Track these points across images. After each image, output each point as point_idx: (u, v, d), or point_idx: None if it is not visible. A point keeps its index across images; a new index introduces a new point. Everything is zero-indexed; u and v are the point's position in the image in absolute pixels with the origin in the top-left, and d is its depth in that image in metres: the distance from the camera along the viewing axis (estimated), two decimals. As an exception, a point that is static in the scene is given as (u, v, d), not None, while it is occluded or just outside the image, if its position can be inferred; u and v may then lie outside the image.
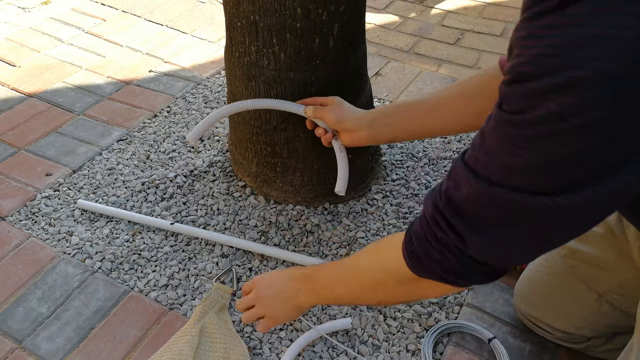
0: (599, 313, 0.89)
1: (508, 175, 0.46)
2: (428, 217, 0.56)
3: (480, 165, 0.48)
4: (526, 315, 1.00)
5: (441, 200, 0.54)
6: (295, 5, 0.97)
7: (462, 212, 0.51)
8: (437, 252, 0.56)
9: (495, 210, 0.49)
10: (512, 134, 0.44)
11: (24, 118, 1.57)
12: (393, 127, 0.95)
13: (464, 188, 0.50)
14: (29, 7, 2.15)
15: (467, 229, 0.51)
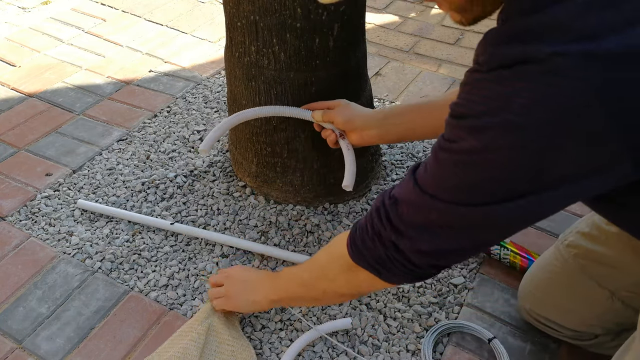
0: (610, 311, 0.89)
1: (438, 189, 0.58)
2: (373, 210, 0.66)
3: (420, 177, 0.60)
4: (532, 315, 1.00)
5: (389, 199, 0.64)
6: (295, 5, 0.97)
7: (402, 212, 0.62)
8: (371, 241, 0.66)
9: (427, 215, 0.60)
10: (444, 158, 0.56)
11: (24, 118, 1.57)
12: (403, 127, 0.98)
13: (407, 192, 0.62)
14: (29, 7, 2.15)
15: (405, 227, 0.62)
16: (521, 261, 1.10)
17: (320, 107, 1.05)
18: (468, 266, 1.14)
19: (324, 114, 1.03)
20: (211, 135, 1.05)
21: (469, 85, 0.55)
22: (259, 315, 1.05)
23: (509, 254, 1.11)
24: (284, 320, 1.04)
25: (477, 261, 1.16)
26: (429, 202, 0.58)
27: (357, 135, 1.01)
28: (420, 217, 0.60)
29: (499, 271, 1.14)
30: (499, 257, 1.13)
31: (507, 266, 1.13)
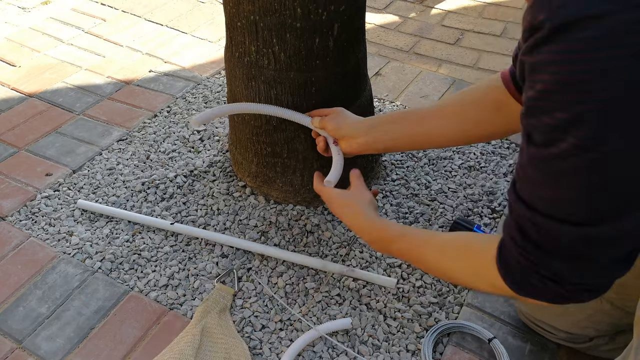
0: (601, 312, 0.89)
1: (553, 208, 0.48)
2: (516, 253, 0.55)
3: (529, 197, 0.50)
4: (528, 317, 1.00)
5: (516, 236, 0.54)
6: (295, 5, 0.97)
7: (538, 244, 0.52)
8: (541, 283, 0.55)
9: (560, 240, 0.49)
10: (546, 169, 0.46)
11: (24, 118, 1.57)
12: (391, 134, 0.93)
13: (526, 220, 0.51)
14: (29, 7, 2.15)
15: (552, 260, 0.52)
16: (521, 261, 1.10)
17: (319, 114, 1.04)
18: (468, 266, 1.14)
19: (320, 121, 1.02)
20: (209, 112, 1.01)
21: (534, 72, 0.43)
22: (259, 315, 1.05)
23: (509, 254, 1.11)
24: (284, 320, 1.04)
25: (477, 261, 1.15)
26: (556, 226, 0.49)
27: (346, 144, 0.98)
28: (561, 246, 0.51)
29: (499, 271, 1.13)
30: (499, 257, 1.12)
31: (507, 266, 1.13)
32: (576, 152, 0.42)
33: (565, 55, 0.39)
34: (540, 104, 0.43)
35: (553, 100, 0.42)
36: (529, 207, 0.50)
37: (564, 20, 0.38)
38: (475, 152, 1.44)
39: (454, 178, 1.36)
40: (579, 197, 0.45)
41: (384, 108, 1.61)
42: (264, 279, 1.11)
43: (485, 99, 0.82)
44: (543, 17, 0.40)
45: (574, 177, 0.44)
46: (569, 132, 0.41)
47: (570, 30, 0.38)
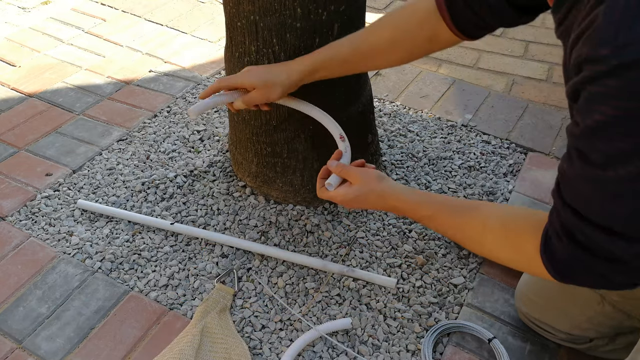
0: (602, 314, 0.89)
1: (604, 219, 0.50)
2: (563, 251, 0.56)
3: (577, 205, 0.52)
4: (528, 317, 1.00)
5: (564, 237, 0.55)
6: (295, 5, 0.97)
7: (586, 247, 0.54)
8: (588, 277, 0.57)
9: (606, 247, 0.52)
10: (601, 187, 0.48)
11: (24, 118, 1.57)
12: (315, 77, 0.92)
13: (572, 225, 0.54)
14: (29, 7, 2.15)
15: (599, 262, 0.54)
16: (521, 261, 1.10)
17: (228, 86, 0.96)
18: (468, 266, 1.14)
19: (245, 100, 0.95)
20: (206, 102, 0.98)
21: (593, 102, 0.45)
22: (259, 315, 1.05)
23: (509, 254, 1.11)
24: (284, 320, 1.04)
25: (477, 261, 1.16)
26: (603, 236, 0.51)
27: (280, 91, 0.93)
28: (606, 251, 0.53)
29: (499, 271, 1.14)
30: (499, 257, 1.13)
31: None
32: (634, 180, 0.45)
33: (629, 93, 0.40)
34: (597, 132, 0.45)
35: (612, 132, 0.44)
36: (577, 215, 0.52)
37: (630, 60, 0.39)
38: (475, 152, 1.44)
39: (454, 178, 1.36)
40: (633, 216, 0.48)
41: (383, 108, 1.61)
42: (264, 279, 1.11)
43: (420, 35, 0.83)
44: (607, 52, 0.40)
45: (630, 199, 0.47)
46: (630, 161, 0.44)
47: (635, 69, 0.39)
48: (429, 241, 1.19)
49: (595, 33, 0.42)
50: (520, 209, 0.72)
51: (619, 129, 0.43)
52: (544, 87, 1.73)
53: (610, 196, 0.49)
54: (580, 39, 0.45)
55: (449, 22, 0.78)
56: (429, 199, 0.80)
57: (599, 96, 0.43)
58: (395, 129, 1.52)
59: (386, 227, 1.22)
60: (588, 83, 0.44)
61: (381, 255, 1.16)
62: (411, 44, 0.85)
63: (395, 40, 0.85)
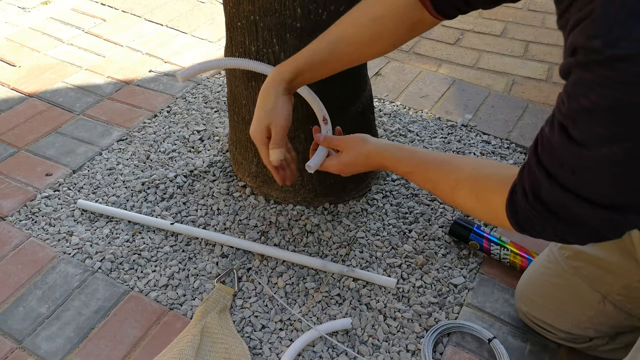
0: (603, 314, 0.89)
1: (578, 187, 0.53)
2: (524, 207, 0.60)
3: (553, 170, 0.55)
4: (528, 317, 1.00)
5: (529, 194, 0.58)
6: (295, 5, 0.97)
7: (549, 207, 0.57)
8: (543, 231, 0.60)
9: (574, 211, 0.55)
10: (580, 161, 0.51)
11: (24, 118, 1.57)
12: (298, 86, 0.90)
13: (543, 186, 0.56)
14: (29, 7, 2.15)
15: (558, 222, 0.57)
16: (521, 261, 1.10)
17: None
18: (468, 266, 1.14)
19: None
20: (196, 67, 0.96)
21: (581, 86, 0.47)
22: (259, 315, 1.05)
23: (509, 254, 1.11)
24: (284, 320, 1.04)
25: (477, 261, 1.16)
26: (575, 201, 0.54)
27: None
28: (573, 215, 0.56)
29: (499, 271, 1.14)
30: (499, 257, 1.13)
31: (507, 266, 1.13)
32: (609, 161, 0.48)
33: (617, 83, 0.43)
34: (581, 116, 0.48)
35: (595, 117, 0.47)
36: (550, 177, 0.55)
37: (621, 53, 0.41)
38: (475, 152, 1.44)
39: (454, 178, 1.36)
40: (605, 184, 0.51)
41: (383, 108, 1.61)
42: (264, 279, 1.11)
43: (402, 26, 0.82)
44: (600, 44, 0.43)
45: (600, 172, 0.50)
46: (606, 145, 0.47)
47: (627, 61, 0.41)
48: (429, 241, 1.19)
49: (592, 24, 0.44)
50: (492, 163, 0.76)
51: (602, 116, 0.46)
52: (544, 87, 1.73)
53: (584, 168, 0.52)
54: (578, 26, 0.47)
55: (431, 11, 0.78)
56: (409, 154, 0.84)
57: (588, 82, 0.46)
58: (395, 129, 1.52)
59: (386, 227, 1.22)
60: (579, 67, 0.47)
61: (381, 255, 1.16)
62: (393, 36, 0.84)
63: (377, 36, 0.83)
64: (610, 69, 0.43)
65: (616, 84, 0.43)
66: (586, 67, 0.45)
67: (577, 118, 0.49)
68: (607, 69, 0.43)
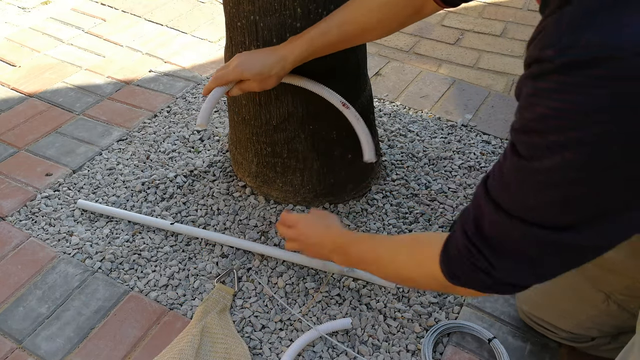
0: (606, 314, 0.89)
1: (524, 211, 0.52)
2: (460, 244, 0.61)
3: (501, 199, 0.55)
4: (529, 316, 1.00)
5: (470, 229, 0.59)
6: (295, 5, 0.97)
7: (489, 240, 0.57)
8: (472, 272, 0.60)
9: (517, 240, 0.54)
10: (526, 178, 0.51)
11: (24, 118, 1.57)
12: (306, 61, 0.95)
13: (487, 217, 0.56)
14: (29, 7, 2.15)
15: (494, 256, 0.57)
16: (521, 261, 1.10)
17: (224, 81, 0.96)
18: (468, 266, 1.14)
19: (238, 87, 0.96)
20: (206, 108, 0.97)
21: (536, 96, 0.47)
22: (259, 315, 1.05)
23: (509, 254, 1.11)
24: (284, 320, 1.04)
25: (477, 261, 1.15)
26: (517, 226, 0.53)
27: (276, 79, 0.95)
28: (510, 243, 0.56)
29: (499, 271, 1.13)
30: (499, 257, 1.12)
31: (507, 266, 1.13)
32: (560, 170, 0.47)
33: (569, 87, 0.44)
34: (535, 125, 0.48)
35: (549, 124, 0.46)
36: (496, 206, 0.55)
37: (573, 59, 0.43)
38: (475, 152, 1.44)
39: (454, 178, 1.36)
40: (553, 206, 0.50)
41: (383, 108, 1.61)
42: (264, 279, 1.11)
43: (406, 12, 0.89)
44: (552, 53, 0.44)
45: (547, 190, 0.49)
46: (558, 153, 0.46)
47: (577, 67, 0.43)
48: (429, 241, 1.19)
49: (544, 36, 0.46)
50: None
51: (555, 122, 0.46)
52: (544, 87, 1.73)
53: (532, 187, 0.51)
54: (532, 43, 0.48)
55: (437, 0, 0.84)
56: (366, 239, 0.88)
57: (543, 90, 0.46)
58: (395, 129, 1.52)
59: (386, 227, 1.22)
60: (533, 79, 0.47)
61: (381, 255, 1.16)
62: (398, 21, 0.91)
63: (384, 19, 0.90)
64: (563, 74, 0.44)
65: (569, 87, 0.44)
66: (540, 77, 0.46)
67: (531, 129, 0.49)
68: (560, 75, 0.44)
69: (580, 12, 0.43)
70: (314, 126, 1.13)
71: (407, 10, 0.89)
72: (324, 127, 1.14)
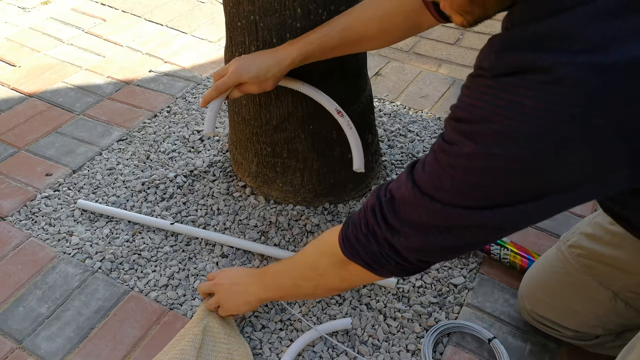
0: (613, 311, 0.89)
1: (436, 190, 0.58)
2: (368, 206, 0.66)
3: (418, 176, 0.60)
4: (533, 315, 0.99)
5: (385, 196, 0.64)
6: (295, 5, 0.97)
7: (398, 210, 0.62)
8: (365, 238, 0.66)
9: (423, 215, 0.60)
10: (444, 160, 0.56)
11: (24, 118, 1.57)
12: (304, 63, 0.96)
13: (404, 190, 0.61)
14: (29, 7, 2.15)
15: (400, 225, 0.62)
16: (521, 261, 1.10)
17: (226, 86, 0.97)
18: (468, 266, 1.14)
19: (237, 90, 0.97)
20: (210, 115, 0.99)
21: (470, 89, 0.55)
22: (259, 315, 1.05)
23: (509, 254, 1.11)
24: (284, 320, 1.04)
25: (477, 261, 1.16)
26: (427, 203, 0.59)
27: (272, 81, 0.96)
28: (416, 216, 0.61)
29: (499, 271, 1.14)
30: (499, 257, 1.13)
31: (507, 266, 1.13)
32: (470, 155, 0.53)
33: (492, 89, 0.51)
34: (462, 114, 0.54)
35: (473, 113, 0.53)
36: (415, 186, 0.60)
37: (499, 71, 0.52)
38: (475, 152, 1.44)
39: (454, 178, 1.36)
40: (458, 188, 0.56)
41: (383, 108, 1.61)
42: (264, 279, 1.11)
43: (407, 24, 0.91)
44: (487, 65, 0.53)
45: (457, 172, 0.55)
46: (473, 139, 0.53)
47: (502, 75, 0.51)
48: (429, 241, 1.19)
49: (482, 52, 0.56)
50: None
51: (475, 112, 0.53)
52: (544, 87, 1.73)
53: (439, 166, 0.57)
54: (480, 52, 0.57)
55: (435, 16, 0.85)
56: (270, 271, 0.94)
57: (472, 89, 0.54)
58: (395, 129, 1.52)
59: (386, 227, 1.22)
60: (469, 79, 0.56)
61: (381, 255, 1.16)
62: (398, 32, 0.93)
63: (383, 30, 0.92)
64: (489, 79, 0.52)
65: (493, 91, 0.51)
66: (473, 78, 0.55)
67: (454, 117, 0.56)
68: (488, 80, 0.52)
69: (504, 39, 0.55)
70: (314, 126, 1.13)
71: (406, 23, 0.90)
72: (324, 127, 1.14)
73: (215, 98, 0.97)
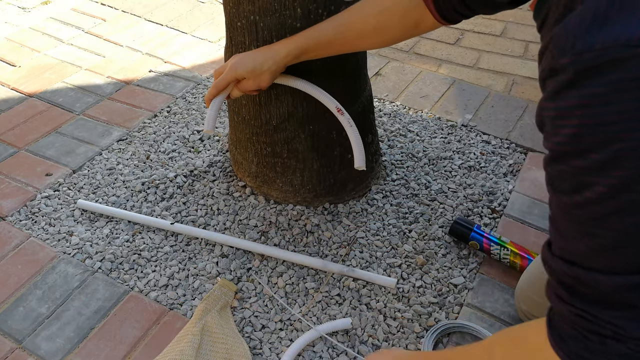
0: None
1: (591, 258, 0.45)
2: (571, 316, 0.51)
3: (567, 253, 0.48)
4: (528, 316, 1.00)
5: (563, 295, 0.51)
6: (295, 5, 0.97)
7: (589, 298, 0.49)
8: (599, 344, 0.50)
9: (612, 291, 0.46)
10: (581, 216, 0.44)
11: (24, 118, 1.57)
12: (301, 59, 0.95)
13: (569, 277, 0.49)
14: (29, 7, 2.15)
15: (612, 315, 0.48)
16: (521, 261, 1.10)
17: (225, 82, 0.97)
18: (468, 266, 1.14)
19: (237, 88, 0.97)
20: (211, 114, 0.99)
21: (561, 118, 0.43)
22: (259, 315, 1.05)
23: (509, 254, 1.11)
24: (284, 320, 1.04)
25: (477, 261, 1.16)
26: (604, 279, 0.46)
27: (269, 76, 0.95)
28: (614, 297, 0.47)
29: (499, 271, 1.14)
30: (499, 257, 1.13)
31: (507, 266, 1.13)
32: (614, 193, 0.41)
33: (593, 98, 0.40)
34: (570, 148, 0.43)
35: (584, 142, 0.41)
36: (566, 262, 0.48)
37: (589, 64, 0.39)
38: (475, 152, 1.44)
39: (454, 178, 1.36)
40: (619, 244, 0.43)
41: (383, 108, 1.61)
42: (264, 279, 1.11)
43: (404, 23, 0.87)
44: (567, 61, 0.41)
45: (612, 222, 0.43)
46: (606, 172, 0.41)
47: (596, 73, 0.39)
48: (429, 241, 1.19)
49: (554, 47, 0.43)
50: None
51: (590, 138, 0.42)
52: (544, 87, 1.73)
53: (589, 225, 0.45)
54: (543, 56, 0.45)
55: (436, 16, 0.83)
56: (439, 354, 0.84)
57: (567, 109, 0.42)
58: (395, 129, 1.52)
59: (386, 227, 1.22)
60: (552, 100, 0.43)
61: (381, 255, 1.16)
62: (395, 30, 0.89)
63: (381, 27, 0.89)
64: (583, 86, 0.41)
65: (596, 99, 0.40)
66: (558, 95, 0.43)
67: (564, 154, 0.44)
68: (581, 89, 0.41)
69: (590, 14, 0.41)
70: (314, 126, 1.13)
71: (404, 21, 0.87)
72: (324, 127, 1.14)
73: (216, 96, 0.98)
